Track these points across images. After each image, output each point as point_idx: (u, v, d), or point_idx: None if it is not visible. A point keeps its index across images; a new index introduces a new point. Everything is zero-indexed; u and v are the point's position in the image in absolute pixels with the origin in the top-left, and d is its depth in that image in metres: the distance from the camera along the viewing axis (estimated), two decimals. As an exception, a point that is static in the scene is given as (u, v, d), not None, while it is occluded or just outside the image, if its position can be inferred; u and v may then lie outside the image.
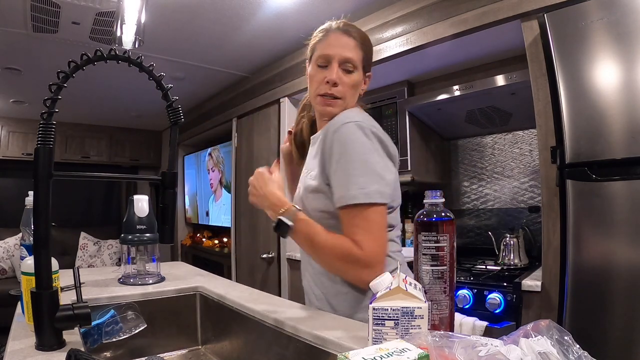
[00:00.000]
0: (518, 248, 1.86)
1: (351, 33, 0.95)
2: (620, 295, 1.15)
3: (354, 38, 0.94)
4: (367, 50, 0.97)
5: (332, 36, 0.94)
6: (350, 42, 0.94)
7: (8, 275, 3.62)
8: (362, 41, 0.96)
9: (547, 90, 1.41)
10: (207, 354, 1.12)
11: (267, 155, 2.80)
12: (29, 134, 4.12)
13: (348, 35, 0.94)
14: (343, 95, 0.93)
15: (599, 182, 1.20)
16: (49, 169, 0.65)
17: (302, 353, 0.77)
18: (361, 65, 0.95)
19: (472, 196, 2.36)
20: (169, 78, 2.80)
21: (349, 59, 0.93)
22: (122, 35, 1.60)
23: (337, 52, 0.92)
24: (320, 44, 0.95)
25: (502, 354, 0.45)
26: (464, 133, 2.37)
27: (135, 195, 1.19)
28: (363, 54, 0.95)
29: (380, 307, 0.56)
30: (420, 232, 0.66)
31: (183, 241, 4.64)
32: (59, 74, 0.68)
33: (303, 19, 2.14)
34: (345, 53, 0.92)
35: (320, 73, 0.94)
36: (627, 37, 1.16)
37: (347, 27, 0.95)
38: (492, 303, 1.47)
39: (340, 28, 0.95)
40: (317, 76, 0.94)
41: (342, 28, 0.95)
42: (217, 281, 1.23)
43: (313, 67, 0.96)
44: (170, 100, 0.78)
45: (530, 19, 1.47)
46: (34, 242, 0.66)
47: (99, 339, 0.79)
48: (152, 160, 5.01)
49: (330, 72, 0.92)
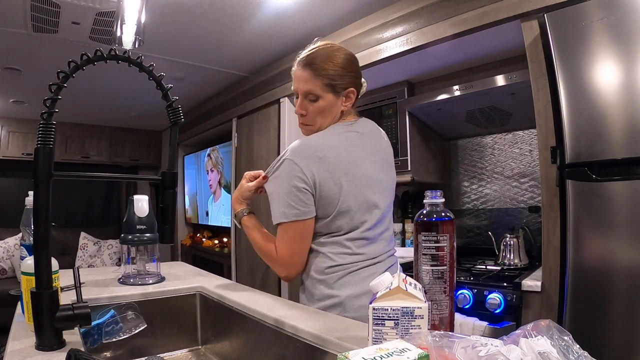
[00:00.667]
0: (518, 248, 1.86)
1: (308, 66, 1.02)
2: (620, 295, 1.15)
3: (311, 69, 1.02)
4: (328, 75, 1.01)
5: (296, 72, 1.06)
6: (305, 74, 1.03)
7: (8, 275, 3.62)
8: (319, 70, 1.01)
9: (547, 90, 1.41)
10: (207, 354, 1.12)
11: (267, 155, 2.80)
12: (29, 134, 4.11)
13: (304, 69, 1.03)
14: (312, 122, 1.06)
15: (599, 182, 1.19)
16: (49, 169, 0.65)
17: (302, 353, 0.77)
18: (326, 91, 1.02)
19: (472, 196, 2.36)
20: (169, 78, 2.80)
21: (308, 90, 1.03)
22: (122, 35, 1.60)
23: (298, 87, 1.05)
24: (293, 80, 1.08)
25: (502, 354, 0.45)
26: (464, 133, 2.37)
27: (135, 195, 1.19)
28: (322, 81, 1.01)
29: (380, 307, 0.56)
30: (420, 232, 0.66)
31: (183, 241, 4.64)
32: (59, 74, 0.68)
33: (303, 19, 2.14)
34: (303, 87, 1.03)
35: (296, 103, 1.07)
36: (627, 37, 1.16)
37: (306, 60, 1.03)
38: (492, 303, 1.47)
39: (300, 62, 1.04)
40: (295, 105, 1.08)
41: (301, 61, 1.04)
42: (217, 281, 1.23)
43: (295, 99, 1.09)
44: (170, 100, 0.78)
45: (530, 19, 1.47)
46: (34, 242, 0.66)
47: (99, 339, 0.79)
48: (152, 160, 5.01)
49: (297, 105, 1.06)
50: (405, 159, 2.10)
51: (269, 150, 2.78)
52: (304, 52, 1.05)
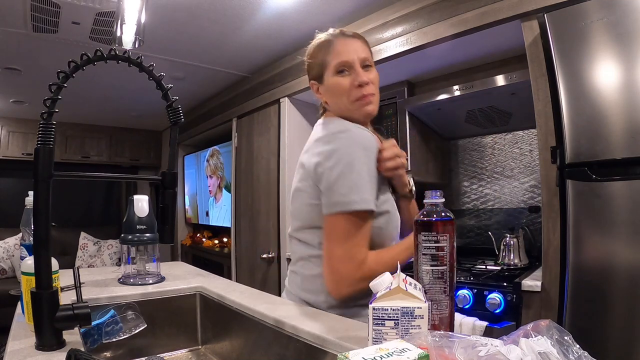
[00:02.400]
0: (518, 248, 1.86)
1: (356, 35, 0.97)
2: (620, 295, 1.15)
3: (359, 39, 0.97)
4: (370, 47, 1.00)
5: (339, 43, 0.95)
6: (358, 42, 0.96)
7: (8, 275, 3.62)
8: (364, 41, 0.98)
9: (547, 90, 1.41)
10: (207, 354, 1.12)
11: (267, 155, 2.80)
12: (29, 134, 4.12)
13: (354, 38, 0.96)
14: (374, 91, 0.95)
15: (599, 182, 1.19)
16: (49, 169, 0.65)
17: (302, 353, 0.77)
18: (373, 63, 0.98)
19: (472, 196, 2.36)
20: (169, 78, 2.80)
21: (365, 58, 0.95)
22: (122, 35, 1.60)
23: (353, 55, 0.93)
24: (330, 55, 0.95)
25: (502, 354, 0.45)
26: (464, 133, 2.37)
27: (135, 195, 1.19)
28: (370, 52, 0.98)
29: (380, 307, 0.56)
30: (420, 232, 0.66)
31: (183, 241, 4.64)
32: (59, 74, 0.68)
33: (303, 19, 2.14)
34: (361, 54, 0.94)
35: (345, 80, 0.94)
36: (627, 37, 1.16)
37: (348, 32, 0.98)
38: (492, 303, 1.47)
39: (342, 34, 0.97)
40: (342, 84, 0.94)
41: (344, 34, 0.97)
42: (217, 281, 1.23)
43: (333, 79, 0.95)
44: (170, 100, 0.78)
45: (530, 19, 1.47)
46: (34, 242, 0.66)
47: (99, 339, 0.79)
48: (152, 160, 5.01)
49: (358, 75, 0.93)
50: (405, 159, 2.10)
51: (269, 150, 2.78)
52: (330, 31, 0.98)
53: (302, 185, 0.94)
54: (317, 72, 0.99)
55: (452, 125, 2.28)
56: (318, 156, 0.89)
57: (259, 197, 2.88)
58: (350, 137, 0.88)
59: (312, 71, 1.01)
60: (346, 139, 0.88)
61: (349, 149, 0.86)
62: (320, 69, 0.97)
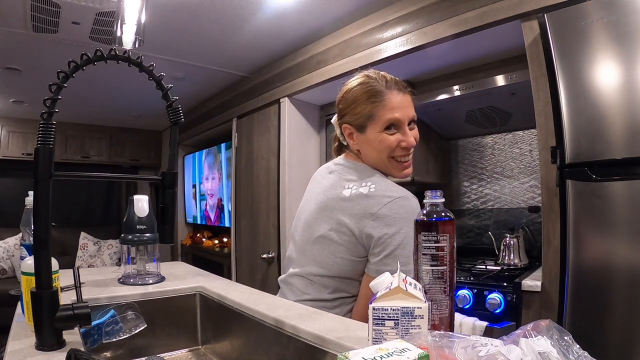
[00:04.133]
0: (518, 248, 1.86)
1: (407, 90, 0.95)
2: (620, 295, 1.15)
3: (410, 94, 0.95)
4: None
5: (394, 99, 0.92)
6: (409, 99, 0.95)
7: (8, 275, 3.62)
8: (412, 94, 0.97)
9: (547, 90, 1.41)
10: (207, 354, 1.12)
11: (267, 155, 2.80)
12: (29, 134, 4.11)
13: (404, 93, 0.95)
14: (412, 152, 0.96)
15: (599, 182, 1.19)
16: (49, 169, 0.65)
17: (302, 353, 0.77)
18: None
19: (472, 196, 2.36)
20: (169, 78, 2.79)
21: (414, 116, 0.95)
22: (122, 35, 1.60)
23: (405, 114, 0.92)
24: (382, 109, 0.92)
25: (502, 354, 0.45)
26: (464, 133, 2.37)
27: (135, 195, 1.19)
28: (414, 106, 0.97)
29: (380, 307, 0.56)
30: (420, 232, 0.66)
31: (183, 241, 4.64)
32: (59, 74, 0.68)
33: (303, 19, 2.14)
34: (411, 113, 0.94)
35: (392, 138, 0.93)
36: (627, 37, 1.16)
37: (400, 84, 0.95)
38: (492, 303, 1.47)
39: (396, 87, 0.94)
40: (389, 143, 0.93)
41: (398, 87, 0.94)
42: (217, 281, 1.23)
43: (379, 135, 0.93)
44: (170, 100, 0.78)
45: (530, 19, 1.47)
46: (34, 242, 0.66)
47: (99, 339, 0.79)
48: (152, 160, 5.01)
49: (407, 136, 0.93)
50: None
51: (269, 150, 2.78)
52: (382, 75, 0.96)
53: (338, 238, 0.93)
54: (359, 122, 0.95)
55: (452, 125, 2.28)
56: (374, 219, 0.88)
57: (259, 197, 2.88)
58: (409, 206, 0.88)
59: (350, 117, 0.97)
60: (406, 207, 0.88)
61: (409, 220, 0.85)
62: (364, 119, 0.94)
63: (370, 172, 0.96)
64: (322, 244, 0.95)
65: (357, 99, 0.95)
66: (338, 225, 0.92)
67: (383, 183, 0.92)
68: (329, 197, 0.96)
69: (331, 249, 0.93)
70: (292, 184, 2.57)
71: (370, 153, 0.96)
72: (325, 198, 0.97)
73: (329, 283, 0.95)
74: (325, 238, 0.94)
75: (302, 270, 1.00)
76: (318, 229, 0.96)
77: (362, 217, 0.89)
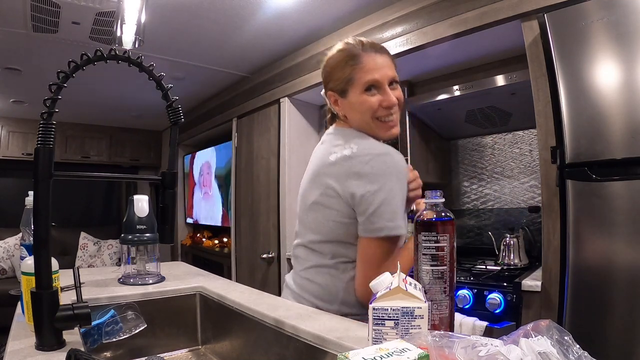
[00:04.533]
0: (518, 248, 1.86)
1: (384, 51, 0.96)
2: (620, 295, 1.15)
3: (388, 54, 0.96)
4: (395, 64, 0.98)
5: (369, 59, 0.93)
6: (388, 59, 0.95)
7: (8, 275, 3.62)
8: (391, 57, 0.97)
9: (547, 90, 1.41)
10: (207, 354, 1.12)
11: (267, 155, 2.80)
12: (29, 134, 4.11)
13: (382, 54, 0.95)
14: (396, 111, 0.96)
15: (599, 182, 1.19)
16: (49, 169, 0.65)
17: (302, 353, 0.77)
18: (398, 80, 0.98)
19: (472, 196, 2.36)
20: (169, 78, 2.80)
21: (394, 76, 0.95)
22: (122, 35, 1.60)
23: (383, 75, 0.93)
24: (358, 71, 0.93)
25: (502, 354, 0.45)
26: (464, 133, 2.37)
27: (135, 195, 1.19)
28: (395, 66, 0.97)
29: (380, 307, 0.56)
30: (420, 232, 0.66)
31: (183, 241, 4.64)
32: (59, 74, 0.68)
33: (303, 19, 2.14)
34: (390, 73, 0.94)
35: (373, 99, 0.93)
36: (627, 37, 1.16)
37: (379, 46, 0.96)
38: (492, 303, 1.47)
39: (372, 48, 0.95)
40: (369, 102, 0.93)
41: (375, 48, 0.95)
42: (217, 281, 1.23)
43: (360, 97, 0.94)
44: (170, 100, 0.78)
45: (530, 19, 1.47)
46: (34, 242, 0.66)
47: (99, 339, 0.79)
48: (152, 160, 5.01)
49: (387, 95, 0.93)
50: (406, 159, 2.10)
51: (269, 150, 2.78)
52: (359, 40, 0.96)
53: (327, 202, 0.93)
54: (340, 87, 0.97)
55: (452, 125, 2.28)
56: (356, 178, 0.89)
57: (259, 197, 2.88)
58: (391, 162, 0.89)
59: (332, 83, 0.99)
60: (387, 163, 0.89)
61: (392, 175, 0.87)
62: (344, 84, 0.95)
63: (355, 134, 0.97)
64: (316, 210, 0.97)
65: (337, 65, 0.97)
66: (326, 189, 0.94)
67: (366, 142, 0.93)
68: (319, 165, 0.98)
69: (324, 214, 0.95)
70: (292, 184, 2.57)
71: (354, 116, 0.97)
72: (316, 167, 0.99)
73: (327, 248, 0.96)
74: (317, 204, 0.96)
75: (303, 239, 1.02)
76: (310, 197, 0.98)
77: (346, 177, 0.90)
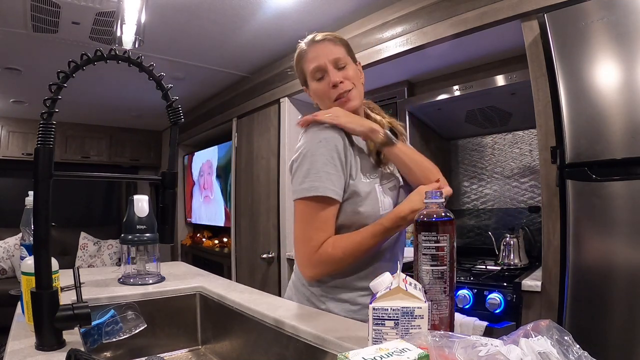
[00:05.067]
0: (518, 248, 1.86)
1: (324, 39, 1.01)
2: (620, 295, 1.15)
3: (329, 40, 1.01)
4: (345, 43, 1.04)
5: (311, 51, 1.00)
6: (329, 45, 1.00)
7: (8, 275, 3.62)
8: (336, 38, 1.02)
9: (547, 90, 1.41)
10: (207, 354, 1.12)
11: (267, 155, 2.80)
12: (29, 134, 4.11)
13: (323, 42, 1.00)
14: (352, 86, 0.99)
15: (599, 182, 1.19)
16: (49, 169, 0.65)
17: (302, 353, 0.77)
18: (349, 59, 1.02)
19: (472, 196, 2.36)
20: (169, 78, 2.80)
21: (337, 58, 0.99)
22: (122, 35, 1.60)
23: (322, 60, 0.99)
24: (305, 64, 1.02)
25: (502, 354, 0.45)
26: (464, 133, 2.37)
27: (135, 195, 1.19)
28: (344, 48, 1.02)
29: (380, 307, 0.56)
30: (420, 232, 0.66)
31: (183, 241, 4.64)
32: (59, 74, 0.68)
33: (303, 19, 2.14)
34: (331, 56, 0.99)
35: (322, 84, 1.00)
36: (627, 37, 1.16)
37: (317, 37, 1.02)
38: (492, 303, 1.47)
39: (313, 41, 1.02)
40: (321, 88, 1.00)
41: (314, 41, 1.01)
42: (217, 281, 1.23)
43: (313, 85, 1.02)
44: (170, 100, 0.78)
45: (530, 19, 1.47)
46: (34, 242, 0.66)
47: (99, 339, 0.79)
48: (152, 160, 5.01)
49: (329, 76, 0.98)
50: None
51: (269, 150, 2.78)
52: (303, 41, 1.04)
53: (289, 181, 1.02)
54: (302, 80, 1.07)
55: (452, 125, 2.28)
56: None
57: (259, 197, 2.88)
58: (309, 133, 0.95)
59: (300, 79, 1.09)
60: (307, 135, 0.95)
61: (308, 144, 0.93)
62: (302, 77, 1.06)
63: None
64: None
65: (295, 64, 1.07)
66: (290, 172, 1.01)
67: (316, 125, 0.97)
68: None
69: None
70: (292, 184, 2.56)
71: (320, 104, 1.05)
72: None
73: None
74: None
75: None
76: None
77: None
